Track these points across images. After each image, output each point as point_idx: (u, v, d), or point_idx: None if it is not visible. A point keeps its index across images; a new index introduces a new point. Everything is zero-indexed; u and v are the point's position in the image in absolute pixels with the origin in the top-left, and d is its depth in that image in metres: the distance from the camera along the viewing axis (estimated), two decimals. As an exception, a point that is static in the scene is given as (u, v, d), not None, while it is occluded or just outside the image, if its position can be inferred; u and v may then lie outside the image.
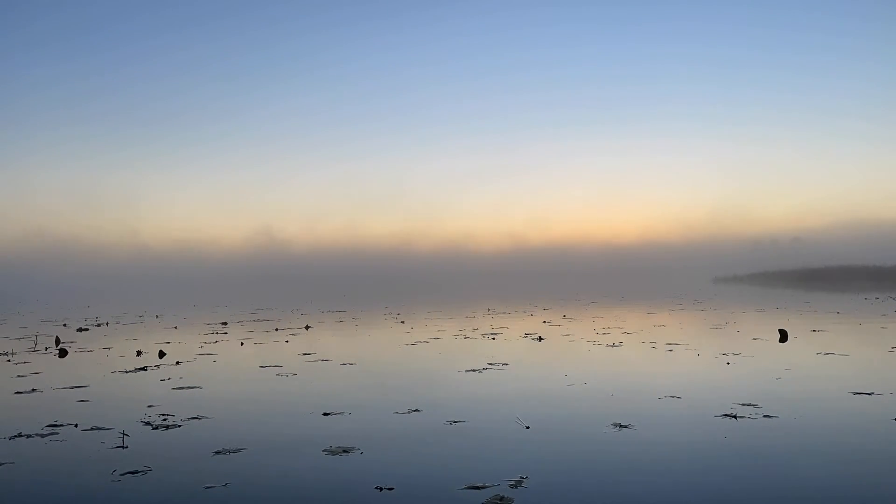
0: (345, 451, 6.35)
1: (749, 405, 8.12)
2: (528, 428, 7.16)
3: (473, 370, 11.68)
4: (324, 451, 6.39)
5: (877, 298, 39.25)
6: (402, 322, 24.90)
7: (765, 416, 7.51)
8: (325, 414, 8.12)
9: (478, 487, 5.23)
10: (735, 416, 7.52)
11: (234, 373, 12.29)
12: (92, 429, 7.51)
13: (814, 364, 11.96)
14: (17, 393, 10.20)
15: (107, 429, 7.48)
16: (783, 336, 16.37)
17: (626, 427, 7.12)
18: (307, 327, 23.13)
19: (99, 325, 26.22)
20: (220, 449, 6.52)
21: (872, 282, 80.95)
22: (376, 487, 5.27)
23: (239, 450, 6.49)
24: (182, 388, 10.38)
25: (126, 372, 12.40)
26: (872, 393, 8.81)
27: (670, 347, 14.76)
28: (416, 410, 8.21)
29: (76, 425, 7.67)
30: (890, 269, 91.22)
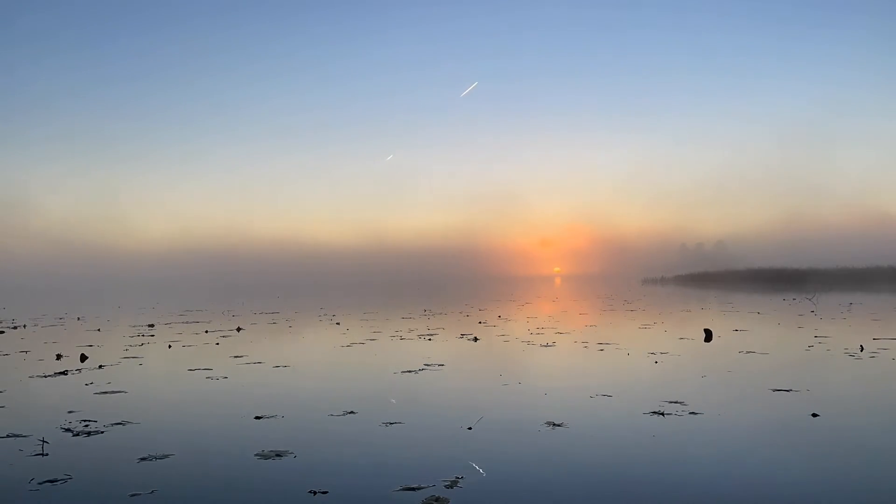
0: (277, 455, 6.24)
1: (676, 402, 8.38)
2: (470, 429, 7.18)
3: (409, 371, 11.66)
4: (255, 455, 6.26)
5: (794, 299, 41.15)
6: (338, 324, 24.65)
7: (691, 413, 7.77)
8: (257, 417, 7.96)
9: (413, 489, 5.22)
10: (663, 414, 7.75)
11: (162, 376, 11.90)
12: (8, 436, 7.14)
13: (736, 362, 12.44)
14: (-76, 400, 9.60)
15: (24, 436, 7.13)
16: (708, 335, 16.97)
17: (558, 426, 7.25)
18: (239, 329, 22.61)
19: (15, 328, 24.95)
20: (145, 455, 6.30)
21: (789, 283, 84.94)
22: (310, 491, 5.20)
23: (166, 456, 6.29)
24: (105, 392, 9.98)
25: (45, 376, 11.84)
26: (791, 390, 9.23)
27: (601, 347, 15.10)
28: (351, 412, 8.14)
29: (-10, 433, 7.28)
30: (805, 271, 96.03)
